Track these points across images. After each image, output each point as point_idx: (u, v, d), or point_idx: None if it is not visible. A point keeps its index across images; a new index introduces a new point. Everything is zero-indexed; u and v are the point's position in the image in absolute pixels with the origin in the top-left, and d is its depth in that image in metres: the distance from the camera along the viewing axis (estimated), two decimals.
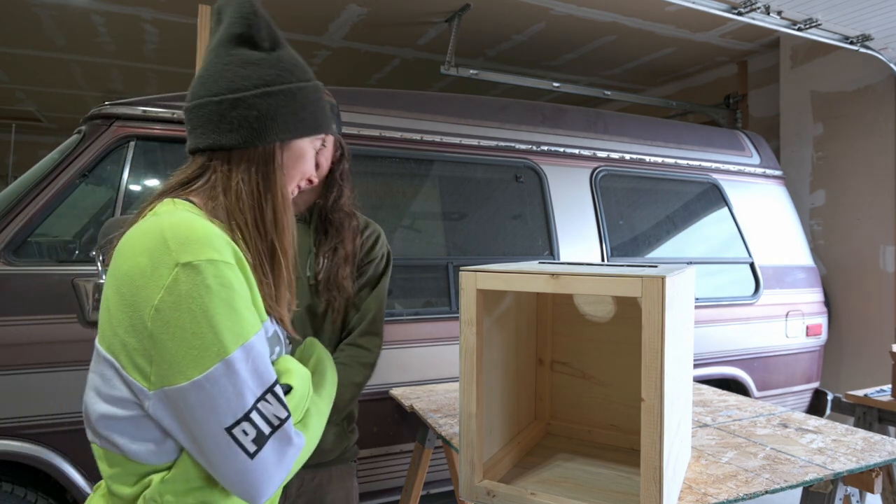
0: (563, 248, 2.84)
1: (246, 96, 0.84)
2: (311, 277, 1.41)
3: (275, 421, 0.76)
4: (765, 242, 3.38)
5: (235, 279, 0.75)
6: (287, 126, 0.86)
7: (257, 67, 0.85)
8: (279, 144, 0.87)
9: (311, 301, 1.40)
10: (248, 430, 0.73)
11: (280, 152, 0.87)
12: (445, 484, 2.56)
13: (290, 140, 0.88)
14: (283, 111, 0.86)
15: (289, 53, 0.90)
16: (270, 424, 0.75)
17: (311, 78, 0.91)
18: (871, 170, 3.66)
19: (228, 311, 0.73)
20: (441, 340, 2.51)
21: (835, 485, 1.37)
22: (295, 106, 0.87)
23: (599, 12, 3.83)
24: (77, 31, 4.15)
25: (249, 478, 0.74)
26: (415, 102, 2.72)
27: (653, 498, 0.95)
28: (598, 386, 1.43)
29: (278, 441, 0.76)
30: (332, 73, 5.09)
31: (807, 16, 2.78)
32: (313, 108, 0.90)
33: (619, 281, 0.96)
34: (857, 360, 3.72)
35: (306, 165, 0.93)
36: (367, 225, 1.54)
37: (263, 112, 0.84)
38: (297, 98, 0.88)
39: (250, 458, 0.73)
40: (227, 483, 0.74)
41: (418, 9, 3.78)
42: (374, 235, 1.52)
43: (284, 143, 0.88)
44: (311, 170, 0.95)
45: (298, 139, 0.89)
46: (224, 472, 0.74)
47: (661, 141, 3.28)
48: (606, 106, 5.83)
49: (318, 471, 1.45)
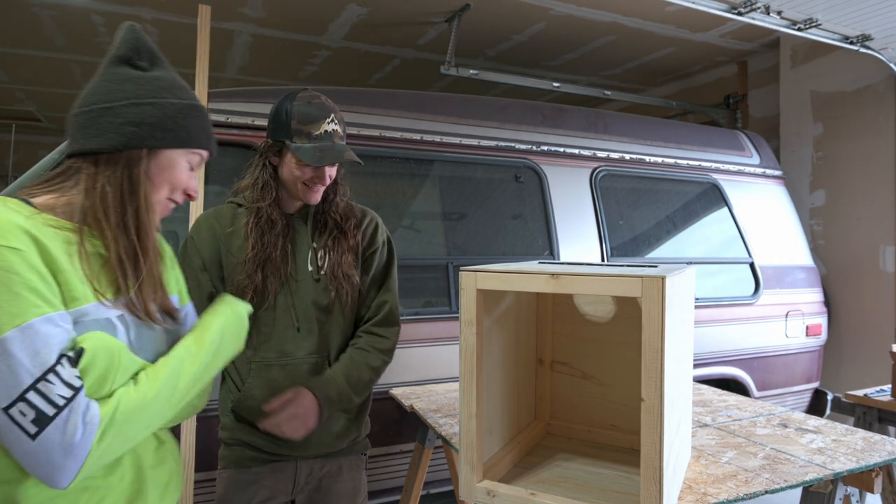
0: (563, 248, 2.84)
1: (115, 106, 0.92)
2: (313, 272, 1.42)
3: (59, 401, 0.77)
4: (765, 242, 3.38)
5: (19, 263, 0.79)
6: (154, 135, 0.94)
7: (131, 83, 0.95)
8: (146, 152, 0.94)
9: (315, 295, 1.41)
10: (25, 410, 0.75)
11: (147, 160, 0.94)
12: (445, 484, 2.56)
13: (157, 149, 0.95)
14: (149, 120, 0.93)
15: (168, 75, 1.00)
16: (54, 405, 0.77)
17: (187, 98, 0.99)
18: (871, 170, 3.66)
19: (5, 292, 0.77)
20: (441, 340, 2.51)
21: (835, 485, 1.37)
22: (163, 118, 0.95)
23: (599, 12, 3.83)
24: (77, 31, 4.15)
25: (36, 459, 0.77)
26: (415, 102, 2.72)
27: (653, 498, 0.95)
28: (598, 386, 1.43)
29: (65, 421, 0.77)
30: (332, 73, 5.09)
31: (807, 16, 2.78)
32: (185, 123, 0.97)
33: (619, 281, 0.96)
34: (857, 360, 3.72)
35: (177, 176, 0.99)
36: (364, 214, 1.54)
37: (129, 119, 0.92)
38: (166, 111, 0.95)
39: (31, 440, 0.76)
40: (24, 466, 0.78)
41: (418, 9, 3.78)
42: (372, 224, 1.53)
43: (152, 152, 0.95)
44: (186, 183, 1.01)
45: (167, 150, 0.96)
46: (16, 454, 0.77)
47: (661, 141, 3.28)
48: (606, 106, 5.83)
49: (327, 460, 1.46)
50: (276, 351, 1.40)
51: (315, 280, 1.41)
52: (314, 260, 1.43)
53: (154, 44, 1.01)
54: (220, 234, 1.43)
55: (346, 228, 1.45)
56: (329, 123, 1.37)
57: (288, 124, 1.35)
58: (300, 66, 4.95)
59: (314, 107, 1.37)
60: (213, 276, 1.43)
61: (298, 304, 1.40)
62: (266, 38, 4.29)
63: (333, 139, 1.37)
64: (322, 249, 1.43)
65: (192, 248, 1.44)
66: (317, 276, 1.42)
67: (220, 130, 2.32)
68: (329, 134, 1.36)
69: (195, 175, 1.04)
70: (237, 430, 1.43)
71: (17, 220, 0.82)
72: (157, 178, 0.97)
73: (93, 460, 0.81)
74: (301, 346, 1.40)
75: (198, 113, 1.01)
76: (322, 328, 1.42)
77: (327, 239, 1.43)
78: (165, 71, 1.00)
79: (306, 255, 1.42)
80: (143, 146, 0.93)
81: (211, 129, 1.05)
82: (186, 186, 1.02)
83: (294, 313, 1.40)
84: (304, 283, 1.41)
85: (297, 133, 1.35)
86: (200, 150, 1.02)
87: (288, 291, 1.40)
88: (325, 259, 1.42)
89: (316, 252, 1.43)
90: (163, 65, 1.01)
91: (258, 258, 1.37)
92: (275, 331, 1.40)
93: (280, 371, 1.40)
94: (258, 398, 1.39)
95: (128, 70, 0.96)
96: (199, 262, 1.43)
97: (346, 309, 1.44)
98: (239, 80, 5.27)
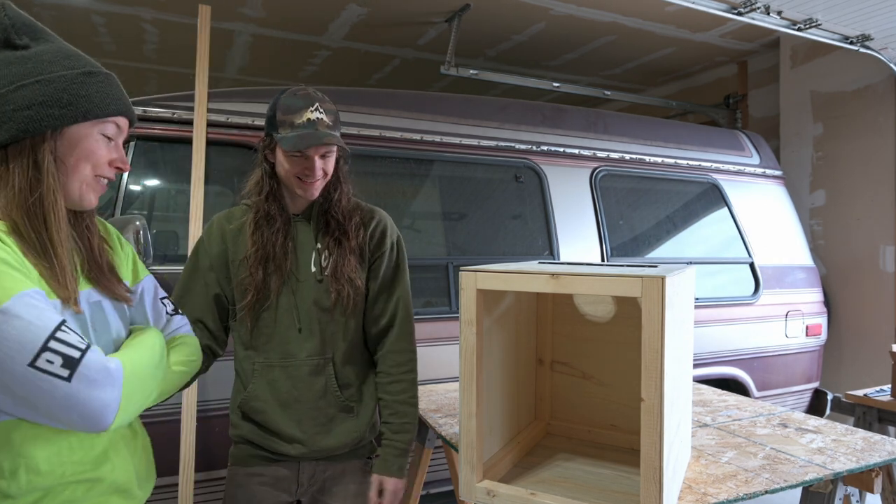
0: (563, 248, 2.84)
1: (2, 93, 0.87)
2: (316, 273, 1.41)
3: (80, 345, 0.80)
4: (765, 242, 3.38)
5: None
6: (50, 113, 0.88)
7: (13, 66, 0.88)
8: (49, 134, 0.89)
9: (317, 296, 1.41)
10: (52, 358, 0.77)
11: (51, 141, 0.89)
12: (445, 484, 2.56)
13: (59, 128, 0.89)
14: (39, 100, 0.87)
15: (53, 47, 0.92)
16: (77, 348, 0.79)
17: (80, 66, 0.92)
18: (871, 170, 3.66)
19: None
20: (441, 340, 2.51)
21: (835, 485, 1.37)
22: (55, 93, 0.88)
23: (599, 12, 3.83)
24: (77, 31, 4.15)
25: (77, 399, 0.78)
26: (415, 102, 2.73)
27: (653, 498, 0.95)
28: (598, 386, 1.43)
29: (94, 357, 0.80)
30: (332, 73, 5.09)
31: (807, 16, 2.79)
32: (84, 93, 0.91)
33: (619, 281, 0.96)
34: (857, 360, 3.72)
35: (92, 151, 0.93)
36: (373, 215, 1.50)
37: (19, 104, 0.86)
38: (56, 85, 0.89)
39: (67, 382, 0.77)
40: (62, 418, 0.78)
41: (418, 9, 3.78)
42: (380, 226, 1.49)
43: (55, 133, 0.89)
44: (107, 155, 0.95)
45: (71, 126, 0.90)
46: (53, 407, 0.77)
47: (661, 141, 3.28)
48: (606, 106, 5.83)
49: (330, 463, 1.46)
50: (278, 352, 1.40)
51: (318, 281, 1.41)
52: (318, 261, 1.42)
53: (31, 17, 0.94)
54: (228, 234, 1.43)
55: (349, 228, 1.43)
56: (312, 112, 1.34)
57: (273, 117, 1.36)
58: (300, 66, 4.95)
59: (298, 98, 1.36)
60: (220, 276, 1.42)
61: (300, 304, 1.40)
62: (266, 38, 4.29)
63: (317, 127, 1.34)
64: (326, 250, 1.42)
65: (201, 249, 1.44)
66: (320, 276, 1.41)
67: (220, 130, 2.32)
68: (312, 122, 1.34)
69: (118, 145, 0.98)
70: (244, 428, 1.44)
71: None
72: (71, 159, 0.92)
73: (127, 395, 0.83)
74: (303, 347, 1.40)
75: (97, 79, 0.94)
76: (324, 330, 1.42)
77: (330, 240, 1.42)
78: (49, 43, 0.93)
79: (310, 256, 1.42)
80: (43, 128, 0.88)
81: (121, 92, 0.98)
82: (110, 159, 0.96)
83: (296, 314, 1.40)
84: (306, 283, 1.40)
85: (282, 124, 1.34)
86: (111, 119, 0.95)
87: (290, 291, 1.40)
88: (328, 260, 1.41)
89: (320, 253, 1.42)
90: (46, 37, 0.94)
91: (258, 255, 1.37)
92: (276, 331, 1.40)
93: (282, 372, 1.40)
94: (262, 399, 1.39)
95: (7, 53, 0.90)
96: (208, 262, 1.43)
97: (347, 311, 1.42)
98: (239, 80, 5.27)
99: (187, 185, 2.24)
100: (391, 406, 1.46)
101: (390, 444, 1.45)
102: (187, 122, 2.26)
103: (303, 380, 1.40)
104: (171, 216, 2.61)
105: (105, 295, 0.98)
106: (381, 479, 1.44)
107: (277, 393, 1.39)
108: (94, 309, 0.95)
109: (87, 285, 0.96)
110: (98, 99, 0.93)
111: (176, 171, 2.31)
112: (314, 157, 1.34)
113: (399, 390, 1.46)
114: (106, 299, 0.98)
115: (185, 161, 2.25)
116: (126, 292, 1.01)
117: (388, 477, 1.43)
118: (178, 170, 2.29)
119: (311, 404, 1.40)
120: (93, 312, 0.94)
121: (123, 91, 0.99)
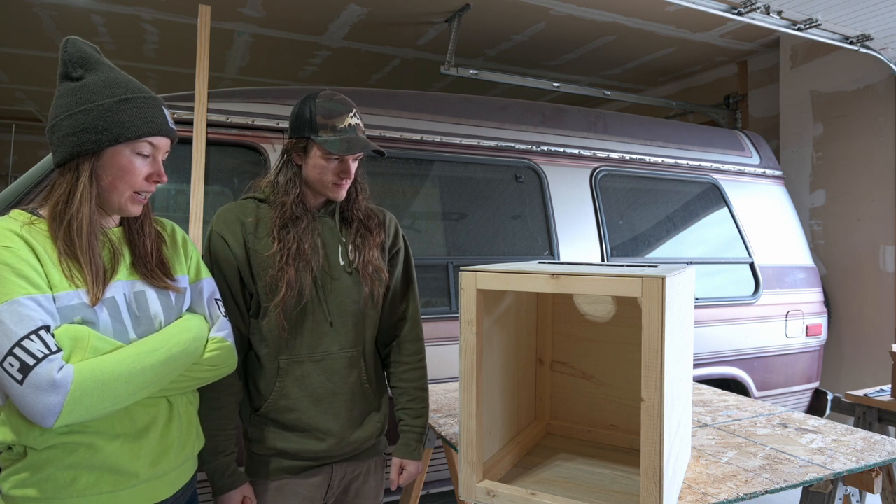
0: (563, 248, 2.84)
1: (57, 122, 1.05)
2: (345, 266, 1.45)
3: (39, 354, 0.93)
4: (765, 242, 3.38)
5: (9, 257, 0.96)
6: (89, 139, 1.04)
7: (66, 97, 1.06)
8: (91, 156, 1.05)
9: (348, 290, 1.44)
10: (13, 362, 0.92)
11: (92, 163, 1.05)
12: (445, 484, 2.56)
13: (98, 151, 1.05)
14: (81, 127, 1.04)
15: (100, 77, 1.07)
16: (34, 357, 0.92)
17: (119, 94, 1.07)
18: (871, 170, 3.66)
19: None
20: (441, 340, 2.51)
21: (835, 485, 1.37)
22: (94, 121, 1.04)
23: (599, 12, 3.83)
24: (77, 31, 4.15)
25: (25, 400, 0.92)
26: (415, 102, 2.73)
27: (653, 498, 0.95)
28: (598, 386, 1.43)
29: (44, 367, 0.92)
30: (332, 73, 5.09)
31: (807, 16, 2.79)
32: (118, 119, 1.05)
33: (619, 281, 0.96)
34: (857, 360, 3.72)
35: (127, 169, 1.07)
36: (384, 213, 1.59)
37: (68, 131, 1.04)
38: (94, 114, 1.04)
39: (19, 384, 0.91)
40: (21, 410, 0.93)
41: (418, 9, 3.78)
42: (393, 223, 1.58)
43: (95, 155, 1.05)
44: (142, 171, 1.09)
45: (107, 149, 1.05)
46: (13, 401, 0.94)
47: (661, 141, 3.28)
48: (606, 106, 5.83)
49: (358, 462, 1.50)
50: (307, 347, 1.40)
51: (348, 274, 1.43)
52: (345, 255, 1.45)
53: (90, 47, 1.09)
54: (247, 226, 1.42)
55: (371, 226, 1.49)
56: (352, 117, 1.41)
57: (313, 120, 1.38)
58: (300, 66, 4.95)
59: (337, 102, 1.41)
60: (242, 269, 1.40)
61: (331, 299, 1.42)
62: (266, 38, 4.29)
63: (357, 132, 1.41)
64: (351, 244, 1.46)
65: (217, 242, 1.41)
66: (349, 269, 1.44)
67: (220, 130, 2.32)
68: (353, 127, 1.40)
69: (155, 160, 1.12)
70: (270, 437, 1.41)
71: (11, 226, 1.00)
72: (110, 177, 1.07)
73: (73, 401, 0.94)
74: (336, 340, 1.42)
75: (132, 105, 1.07)
76: (356, 323, 1.44)
77: (355, 236, 1.47)
78: (98, 73, 1.08)
79: (337, 250, 1.44)
80: (85, 152, 1.04)
81: (156, 114, 1.10)
82: (147, 174, 1.10)
83: (326, 308, 1.41)
84: (336, 277, 1.43)
85: (323, 127, 1.38)
86: (144, 139, 1.08)
87: (320, 286, 1.41)
88: (355, 254, 1.45)
89: (346, 247, 1.45)
90: (98, 68, 1.08)
91: (288, 252, 1.37)
92: (306, 327, 1.40)
93: (314, 367, 1.40)
94: (292, 397, 1.39)
95: (66, 84, 1.07)
96: (227, 254, 1.40)
97: (377, 303, 1.48)
98: (239, 80, 5.27)
99: (187, 185, 2.25)
100: (409, 392, 1.53)
101: (411, 430, 1.53)
102: (187, 121, 2.26)
103: (338, 373, 1.42)
104: (171, 216, 2.61)
105: (149, 285, 1.13)
106: (403, 462, 1.52)
107: (311, 388, 1.40)
108: (138, 297, 1.10)
109: (131, 277, 1.11)
110: (130, 123, 1.06)
111: (176, 171, 2.31)
112: (349, 160, 1.41)
113: (417, 377, 1.54)
114: (150, 289, 1.12)
115: (185, 161, 2.25)
116: (171, 282, 1.15)
117: (409, 460, 1.52)
118: (177, 170, 2.29)
119: (347, 396, 1.43)
120: (134, 300, 1.09)
121: (162, 111, 1.12)
